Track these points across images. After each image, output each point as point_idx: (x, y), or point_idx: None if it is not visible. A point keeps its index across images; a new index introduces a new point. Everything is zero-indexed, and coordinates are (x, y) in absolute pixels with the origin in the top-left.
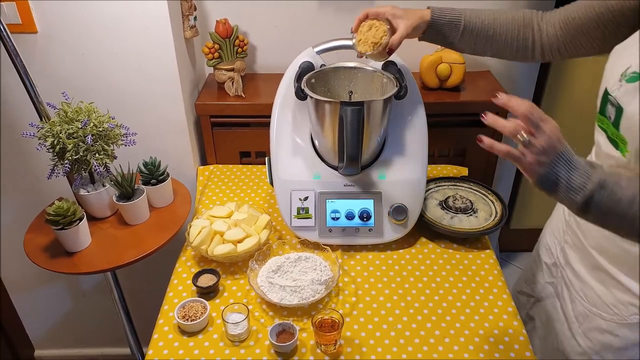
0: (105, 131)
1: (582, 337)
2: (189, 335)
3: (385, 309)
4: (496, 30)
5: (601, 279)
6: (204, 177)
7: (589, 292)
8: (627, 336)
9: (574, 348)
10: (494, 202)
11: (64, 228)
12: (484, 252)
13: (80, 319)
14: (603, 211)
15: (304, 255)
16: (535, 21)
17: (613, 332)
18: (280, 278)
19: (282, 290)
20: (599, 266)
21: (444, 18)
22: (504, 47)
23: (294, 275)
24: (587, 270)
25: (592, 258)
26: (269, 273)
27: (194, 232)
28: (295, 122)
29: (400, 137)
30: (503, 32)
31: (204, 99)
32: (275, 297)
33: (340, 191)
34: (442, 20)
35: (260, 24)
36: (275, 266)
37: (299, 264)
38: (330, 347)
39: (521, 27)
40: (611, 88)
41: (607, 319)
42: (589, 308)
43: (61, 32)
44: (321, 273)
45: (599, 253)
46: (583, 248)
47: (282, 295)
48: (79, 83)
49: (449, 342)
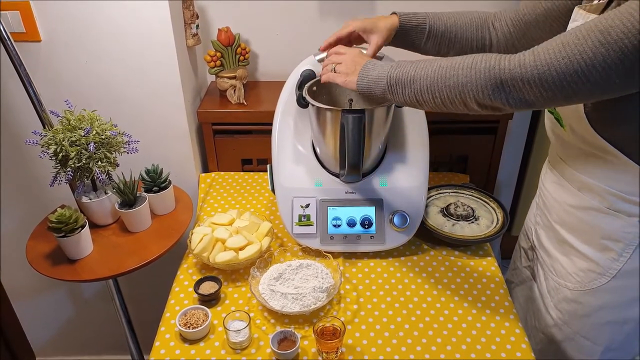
0: (108, 139)
1: (553, 310)
2: (191, 343)
3: (387, 317)
4: (457, 32)
5: (565, 251)
6: (205, 184)
7: (557, 266)
8: (590, 302)
9: (548, 322)
10: (495, 209)
11: (66, 235)
12: (486, 259)
13: (82, 326)
14: (402, 84)
15: (305, 262)
16: (490, 21)
17: (577, 300)
18: (281, 286)
19: (283, 297)
20: (563, 239)
21: (411, 22)
22: (464, 47)
23: (296, 282)
24: (554, 245)
25: (557, 233)
26: (271, 280)
27: (196, 239)
28: (296, 129)
29: (401, 144)
30: (463, 33)
31: (206, 107)
32: (277, 305)
33: (342, 198)
34: (409, 25)
35: (261, 32)
36: (276, 274)
37: (300, 272)
38: (332, 355)
39: (479, 27)
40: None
41: (571, 288)
42: (557, 281)
43: (64, 40)
44: (323, 280)
45: (561, 226)
46: (550, 225)
47: (283, 302)
48: (82, 91)
49: (450, 350)
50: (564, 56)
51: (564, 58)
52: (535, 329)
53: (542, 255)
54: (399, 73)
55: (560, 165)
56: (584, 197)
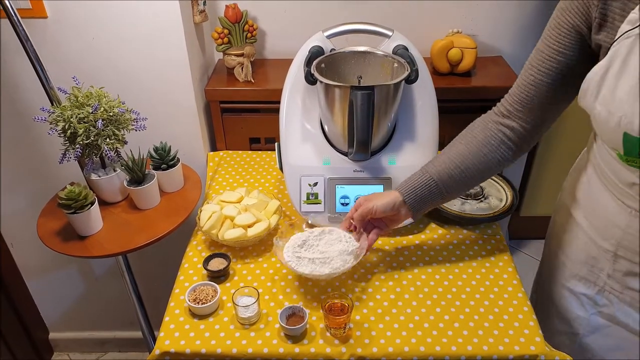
0: (116, 116)
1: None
2: (200, 318)
3: (395, 294)
4: (471, 175)
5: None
6: (214, 162)
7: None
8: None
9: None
10: (504, 188)
11: (76, 212)
12: (494, 237)
13: (93, 303)
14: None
15: (327, 229)
16: (500, 139)
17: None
18: (307, 252)
19: (311, 263)
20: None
21: (418, 192)
22: (486, 176)
23: (321, 248)
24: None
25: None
26: (295, 248)
27: (205, 216)
28: (304, 107)
29: (410, 123)
30: (478, 171)
31: (214, 85)
32: (306, 270)
33: (350, 177)
34: (416, 196)
35: (269, 9)
36: (300, 241)
37: (323, 238)
38: (340, 331)
39: (494, 161)
40: (637, 132)
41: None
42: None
43: (71, 17)
44: (347, 244)
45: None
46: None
47: (312, 267)
48: (89, 68)
49: (458, 327)
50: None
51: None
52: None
53: (631, 296)
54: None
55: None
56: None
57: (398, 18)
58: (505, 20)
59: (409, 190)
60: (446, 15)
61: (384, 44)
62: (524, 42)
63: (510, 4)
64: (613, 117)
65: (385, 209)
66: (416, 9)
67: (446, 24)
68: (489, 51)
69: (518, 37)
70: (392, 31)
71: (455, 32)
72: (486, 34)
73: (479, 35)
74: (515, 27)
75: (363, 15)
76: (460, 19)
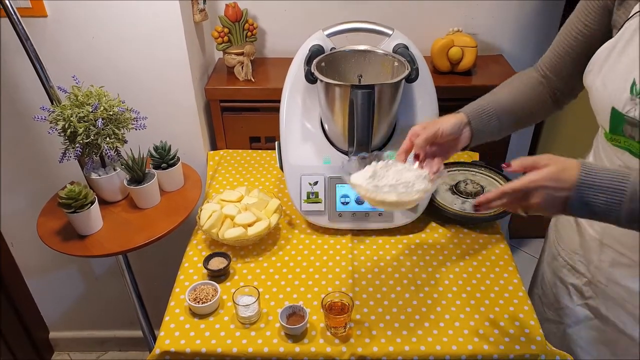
0: (116, 115)
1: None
2: (200, 318)
3: (395, 293)
4: (520, 112)
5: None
6: (214, 161)
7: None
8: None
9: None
10: None
11: (76, 211)
12: (495, 237)
13: (93, 302)
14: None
15: (390, 161)
16: (543, 88)
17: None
18: (382, 181)
19: (394, 189)
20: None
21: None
22: (531, 121)
23: (393, 176)
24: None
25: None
26: (368, 180)
27: (205, 215)
28: (305, 106)
29: (411, 122)
30: (527, 113)
31: (214, 84)
32: (393, 196)
33: None
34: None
35: (269, 8)
36: (370, 172)
37: (390, 169)
38: (340, 330)
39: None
40: (622, 107)
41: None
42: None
43: (71, 16)
44: (418, 171)
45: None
46: (632, 263)
47: (396, 194)
48: (89, 67)
49: (458, 326)
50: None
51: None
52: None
53: (616, 291)
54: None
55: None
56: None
57: (398, 17)
58: (506, 19)
59: (473, 112)
60: (446, 14)
61: (384, 43)
62: (524, 41)
63: (511, 3)
64: (606, 90)
65: (453, 129)
66: (416, 8)
67: (446, 22)
68: (490, 50)
69: (518, 36)
70: (392, 30)
71: (456, 30)
72: (486, 32)
73: (479, 34)
74: (516, 26)
75: (363, 14)
76: (461, 17)
